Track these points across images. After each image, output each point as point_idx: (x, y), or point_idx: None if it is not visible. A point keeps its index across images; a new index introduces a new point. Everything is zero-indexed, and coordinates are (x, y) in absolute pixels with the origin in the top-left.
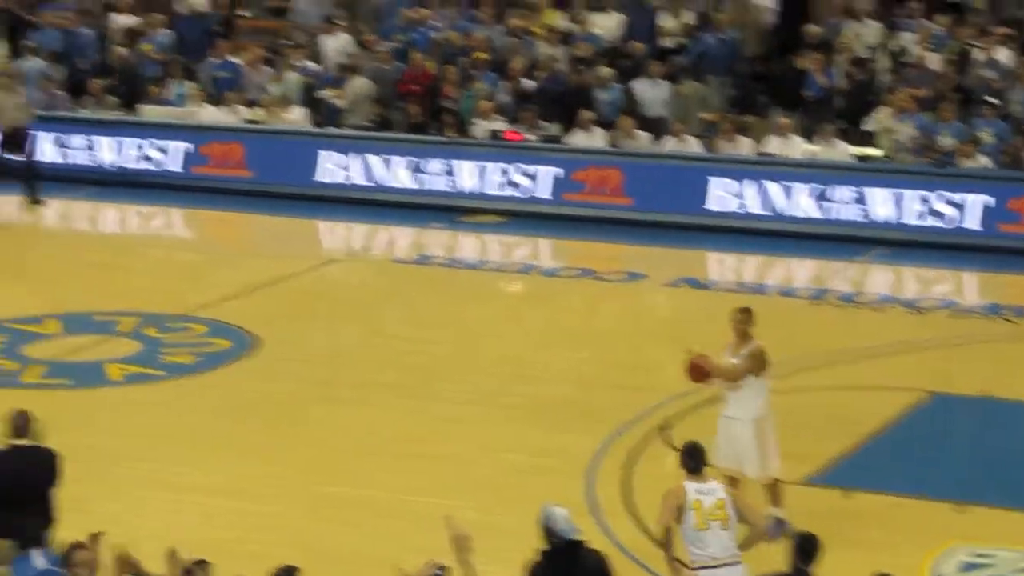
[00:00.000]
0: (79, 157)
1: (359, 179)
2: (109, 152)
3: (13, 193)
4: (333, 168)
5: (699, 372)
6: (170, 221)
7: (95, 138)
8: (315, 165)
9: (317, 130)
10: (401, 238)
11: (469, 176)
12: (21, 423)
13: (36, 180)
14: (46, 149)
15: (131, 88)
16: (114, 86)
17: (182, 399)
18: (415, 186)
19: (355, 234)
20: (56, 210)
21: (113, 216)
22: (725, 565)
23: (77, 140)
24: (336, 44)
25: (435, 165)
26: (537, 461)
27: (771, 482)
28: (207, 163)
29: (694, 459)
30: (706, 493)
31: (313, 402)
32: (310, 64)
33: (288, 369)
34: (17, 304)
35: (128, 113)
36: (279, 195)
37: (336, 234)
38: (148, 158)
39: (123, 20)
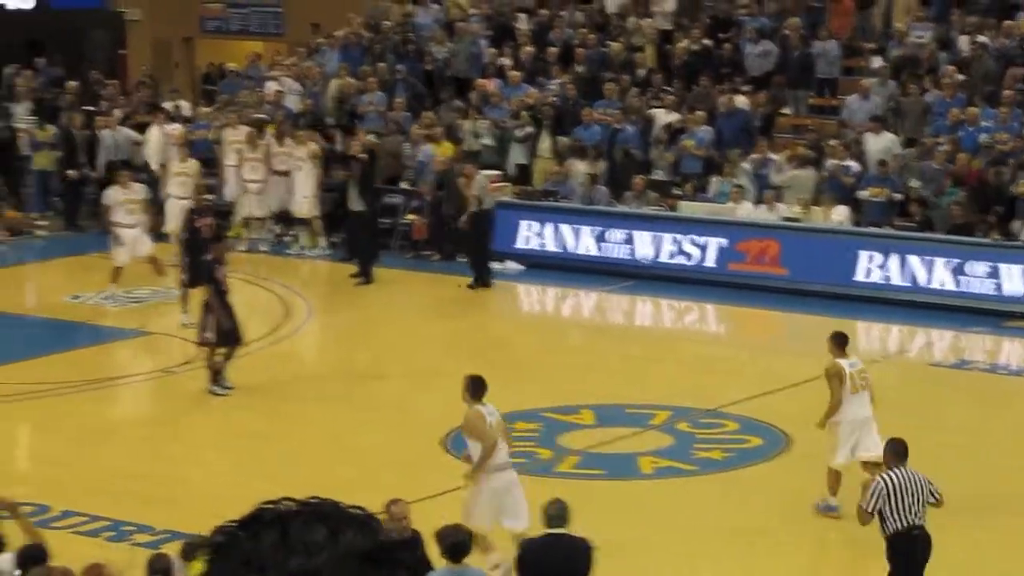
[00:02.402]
0: (617, 251)
1: (898, 280)
2: (647, 246)
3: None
4: (872, 268)
5: None
6: (704, 316)
7: (634, 232)
8: (853, 264)
9: (856, 229)
10: (940, 341)
11: (1015, 280)
12: (558, 512)
13: (485, 264)
14: (587, 243)
15: (672, 184)
16: (655, 182)
17: (712, 495)
18: (957, 288)
19: (892, 336)
20: (593, 302)
21: (648, 310)
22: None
23: (616, 234)
24: (880, 143)
25: (979, 267)
26: None
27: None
28: (743, 260)
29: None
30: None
31: (847, 508)
32: (852, 164)
33: (819, 469)
34: (554, 394)
35: (667, 208)
36: (814, 293)
37: (872, 335)
38: (685, 253)
39: (666, 117)
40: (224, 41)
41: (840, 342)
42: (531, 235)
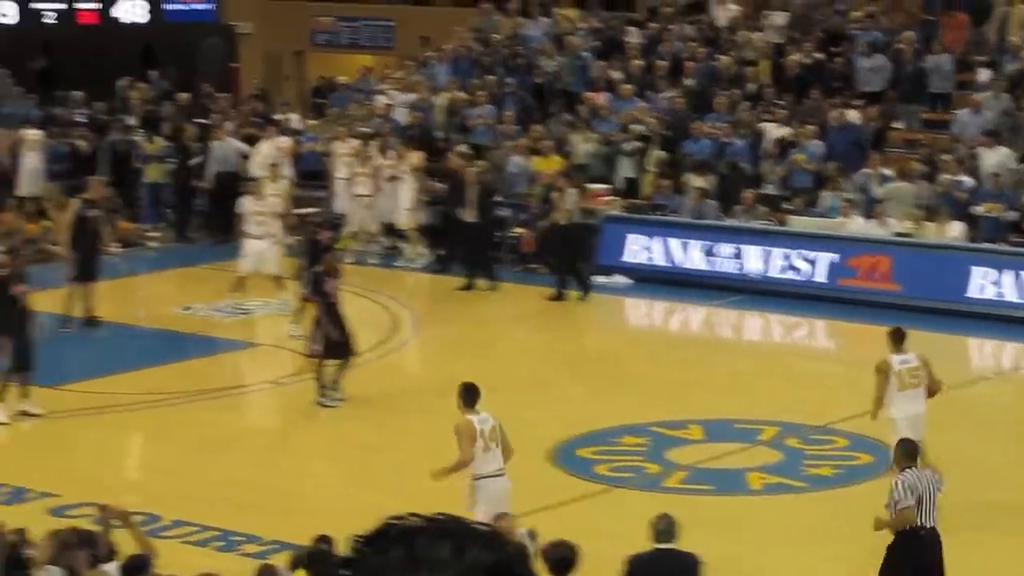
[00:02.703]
0: (726, 265)
1: (1012, 296)
2: (756, 261)
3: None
4: (985, 284)
5: None
6: (814, 332)
7: (743, 247)
8: (966, 280)
9: (969, 244)
10: None
11: None
12: (666, 527)
13: (579, 276)
14: (695, 257)
15: (782, 198)
16: (765, 196)
17: (821, 512)
18: None
19: (1006, 352)
20: (701, 316)
21: (757, 325)
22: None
23: (725, 248)
24: (994, 158)
25: None
26: None
27: None
28: (854, 275)
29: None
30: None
31: (960, 527)
32: (965, 179)
33: None
34: (661, 408)
35: (777, 222)
36: (926, 310)
37: (985, 352)
38: (794, 268)
39: (776, 131)
40: (334, 54)
41: (896, 338)
42: (639, 249)
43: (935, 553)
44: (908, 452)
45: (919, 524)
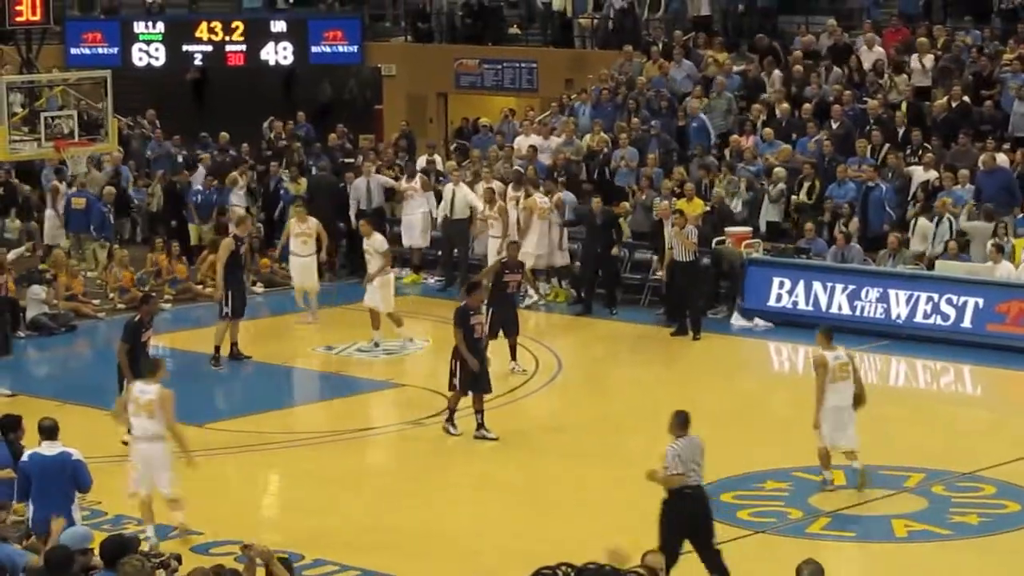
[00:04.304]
0: (871, 310)
1: None
2: (902, 306)
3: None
4: None
5: None
6: (961, 377)
7: (889, 291)
8: None
9: None
10: None
11: None
12: (812, 574)
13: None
14: (839, 301)
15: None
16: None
17: (967, 561)
18: None
19: None
20: None
21: (903, 370)
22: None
23: (870, 293)
24: None
25: None
26: None
27: None
28: (1002, 320)
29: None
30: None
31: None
32: None
33: None
34: (804, 454)
35: (923, 267)
36: None
37: None
38: (941, 313)
39: (923, 174)
40: (478, 96)
41: (828, 336)
42: (783, 293)
43: (700, 507)
44: (681, 422)
45: (686, 484)
